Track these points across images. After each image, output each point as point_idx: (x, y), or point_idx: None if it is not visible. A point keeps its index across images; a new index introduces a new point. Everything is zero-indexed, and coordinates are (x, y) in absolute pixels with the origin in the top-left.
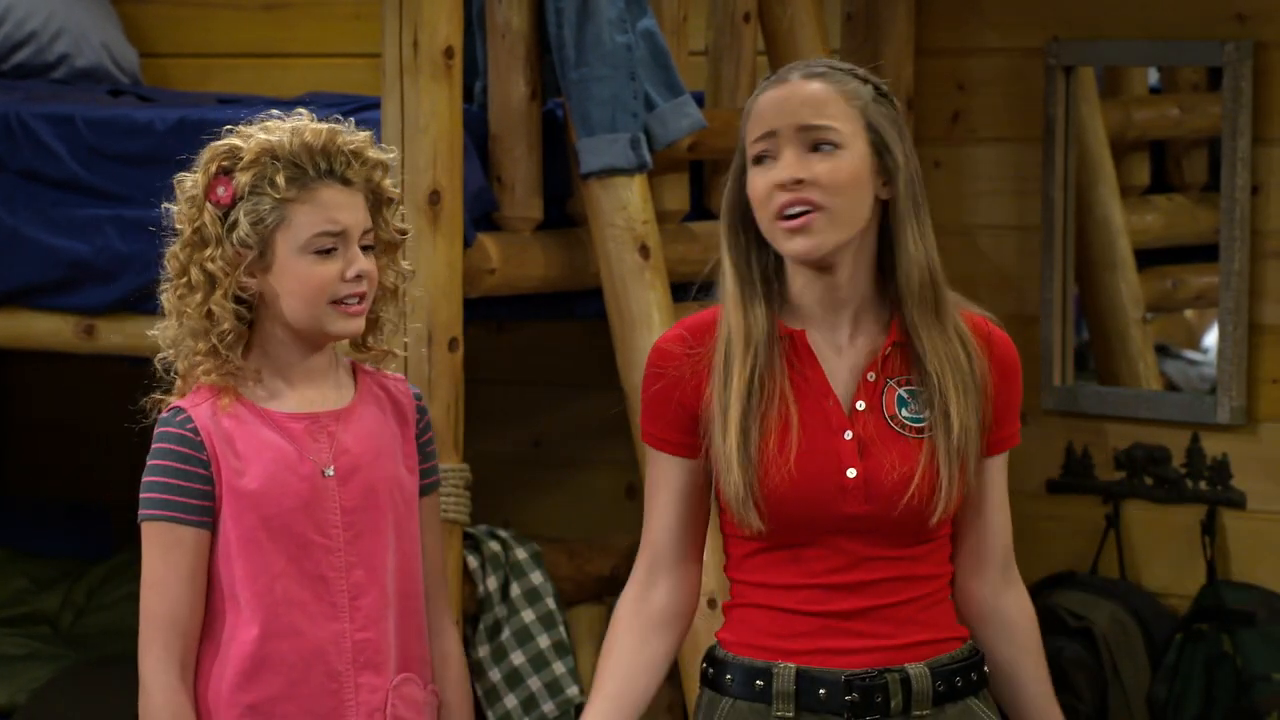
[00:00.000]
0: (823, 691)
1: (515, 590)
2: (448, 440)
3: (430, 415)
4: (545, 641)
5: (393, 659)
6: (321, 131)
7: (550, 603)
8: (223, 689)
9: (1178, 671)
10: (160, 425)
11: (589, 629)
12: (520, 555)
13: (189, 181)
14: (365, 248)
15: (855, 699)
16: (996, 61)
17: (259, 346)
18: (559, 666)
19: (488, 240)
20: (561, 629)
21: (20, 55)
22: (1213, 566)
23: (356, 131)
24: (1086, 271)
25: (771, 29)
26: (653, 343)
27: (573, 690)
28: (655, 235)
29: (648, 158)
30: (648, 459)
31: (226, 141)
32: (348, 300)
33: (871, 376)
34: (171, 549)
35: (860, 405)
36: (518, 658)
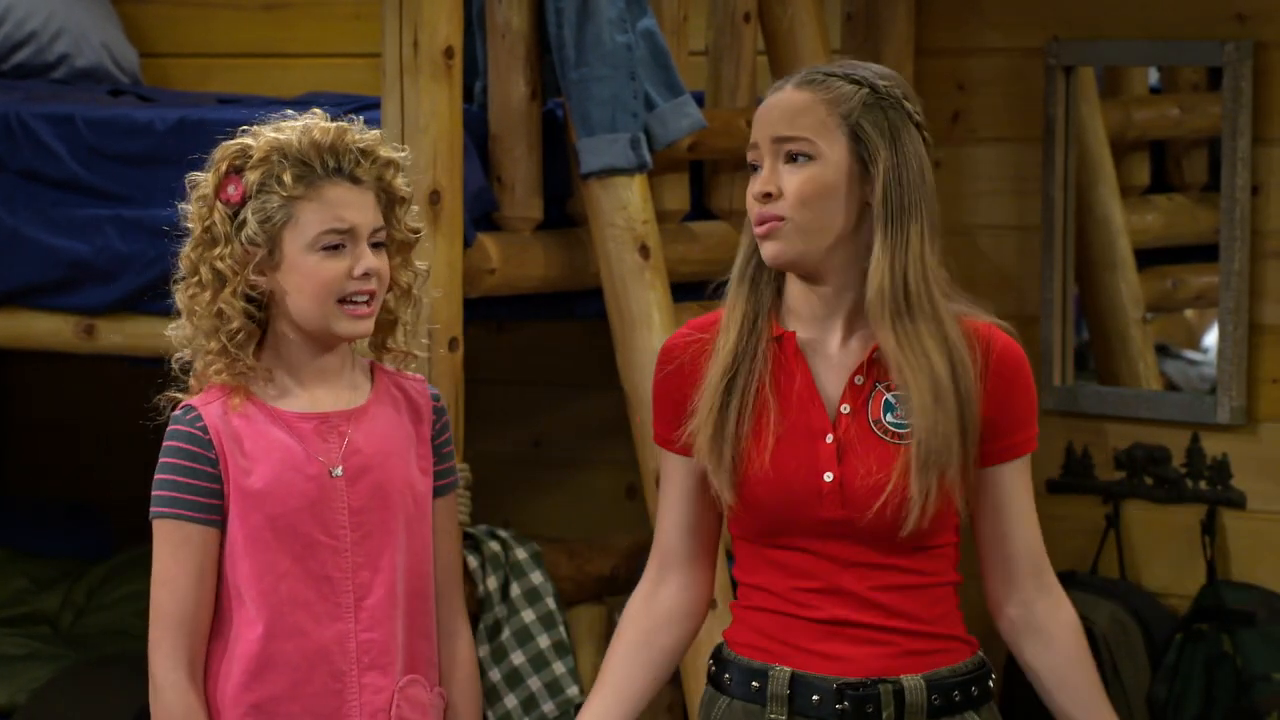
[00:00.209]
0: (816, 697)
1: (515, 590)
2: None
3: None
4: (545, 641)
5: (399, 660)
6: (330, 129)
7: (550, 603)
8: (229, 688)
9: (1178, 671)
10: (171, 423)
11: (589, 629)
12: (520, 555)
13: (200, 181)
14: (377, 245)
15: (846, 708)
16: (996, 61)
17: (271, 346)
18: (559, 666)
19: (488, 240)
20: (561, 629)
21: (20, 55)
22: (1213, 566)
23: (367, 130)
24: (1086, 271)
25: (771, 29)
26: (653, 343)
27: (573, 690)
28: (655, 235)
29: (648, 158)
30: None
31: (238, 141)
32: (356, 298)
33: (859, 380)
34: (181, 547)
35: (845, 409)
36: (518, 658)
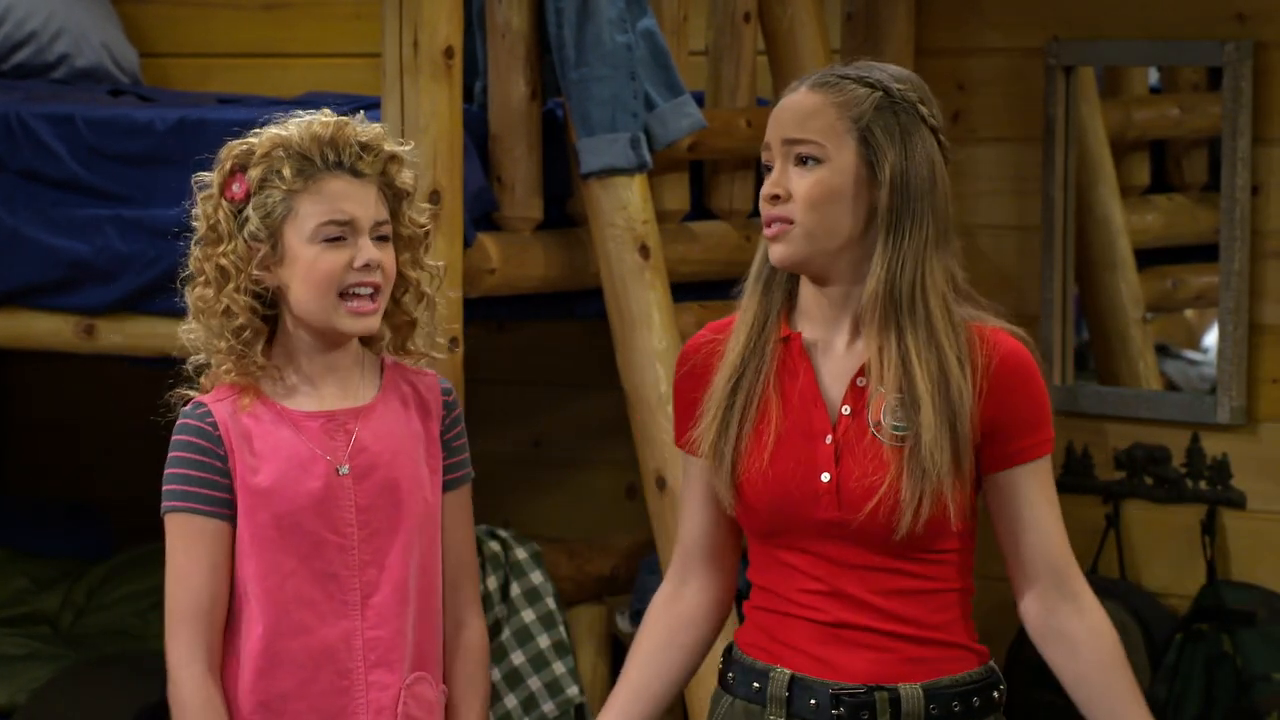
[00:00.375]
0: (813, 701)
1: (515, 590)
2: None
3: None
4: (545, 641)
5: (407, 657)
6: (330, 123)
7: (550, 603)
8: (239, 686)
9: (1178, 671)
10: (181, 418)
11: (589, 629)
12: (520, 555)
13: (207, 181)
14: (382, 239)
15: (842, 713)
16: (996, 61)
17: (280, 345)
18: (559, 666)
19: (488, 240)
20: (561, 629)
21: (20, 55)
22: (1213, 566)
23: (370, 124)
24: (1086, 271)
25: (771, 29)
26: (653, 343)
27: (572, 690)
28: (655, 235)
29: (648, 158)
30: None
31: (244, 140)
32: (358, 290)
33: (861, 382)
34: (194, 540)
35: (846, 410)
36: (518, 658)
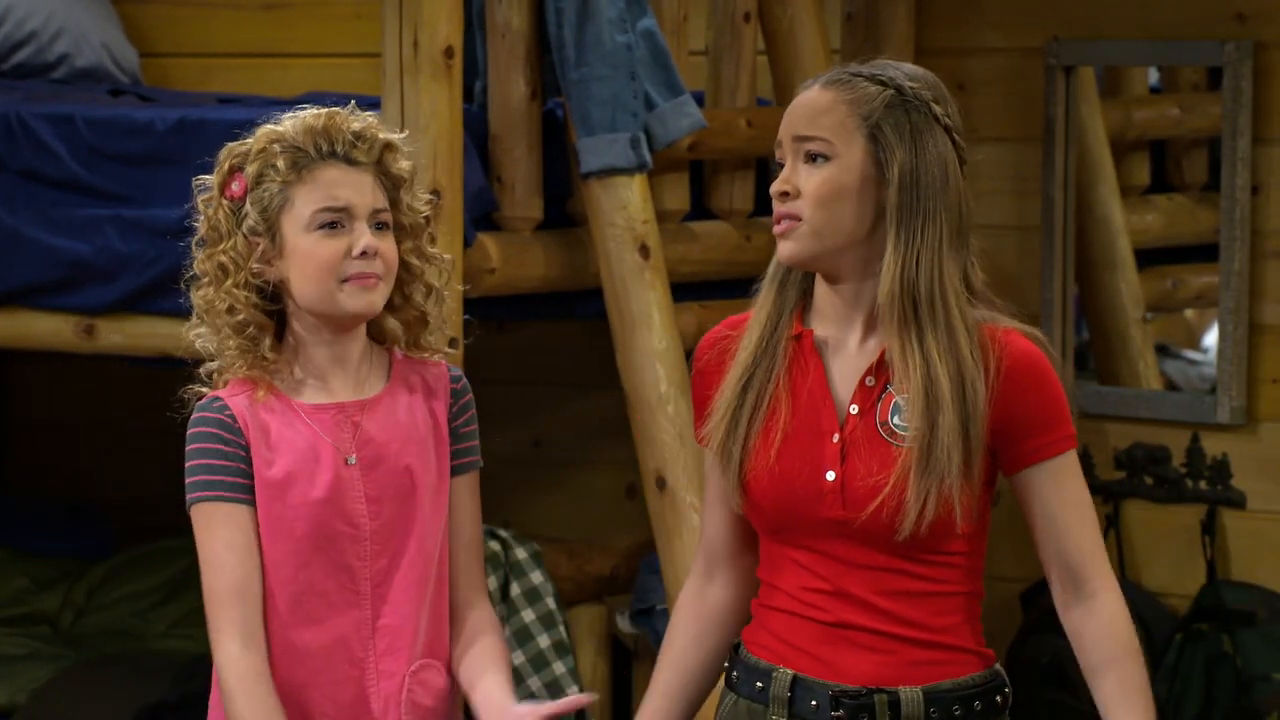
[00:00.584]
0: (814, 702)
1: (515, 590)
2: None
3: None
4: (545, 641)
5: (418, 645)
6: (322, 114)
7: (550, 603)
8: None
9: (1178, 671)
10: (197, 412)
11: (589, 629)
12: (520, 555)
13: (207, 183)
14: (381, 227)
15: (841, 716)
16: (996, 61)
17: (288, 340)
18: (559, 666)
19: (488, 240)
20: (561, 629)
21: (20, 55)
22: (1213, 566)
23: (362, 113)
24: (1086, 271)
25: (771, 29)
26: (653, 343)
27: (572, 690)
28: (655, 235)
29: (648, 157)
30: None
31: (242, 141)
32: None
33: (870, 381)
34: (222, 525)
35: (853, 409)
36: (518, 658)
